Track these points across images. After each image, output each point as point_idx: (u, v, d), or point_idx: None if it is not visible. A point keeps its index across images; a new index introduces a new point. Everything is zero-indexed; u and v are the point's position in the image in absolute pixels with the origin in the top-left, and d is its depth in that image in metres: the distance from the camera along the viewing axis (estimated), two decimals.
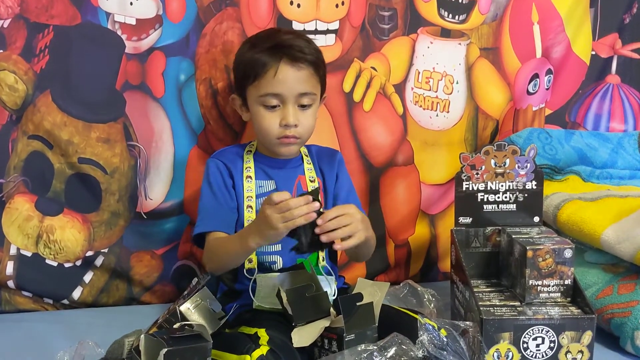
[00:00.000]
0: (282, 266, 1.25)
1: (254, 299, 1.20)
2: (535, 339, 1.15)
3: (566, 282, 1.21)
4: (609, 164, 1.65)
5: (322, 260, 1.28)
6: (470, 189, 1.35)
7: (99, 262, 1.47)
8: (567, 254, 1.21)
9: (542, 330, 1.15)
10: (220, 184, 1.28)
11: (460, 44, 1.58)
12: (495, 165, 1.35)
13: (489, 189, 1.35)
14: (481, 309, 1.17)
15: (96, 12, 1.38)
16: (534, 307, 1.20)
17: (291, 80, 1.23)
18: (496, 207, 1.36)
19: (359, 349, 0.97)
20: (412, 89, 1.57)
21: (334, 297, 1.20)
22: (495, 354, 1.15)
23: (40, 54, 1.37)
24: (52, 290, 1.46)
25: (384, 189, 1.59)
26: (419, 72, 1.57)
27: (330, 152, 1.39)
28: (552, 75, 1.69)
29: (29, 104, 1.38)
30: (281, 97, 1.23)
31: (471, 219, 1.36)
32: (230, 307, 1.17)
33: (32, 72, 1.37)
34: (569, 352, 1.16)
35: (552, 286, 1.21)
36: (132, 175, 1.45)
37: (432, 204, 1.63)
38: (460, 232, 1.36)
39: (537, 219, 1.36)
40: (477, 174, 1.35)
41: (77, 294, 1.47)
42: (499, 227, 1.36)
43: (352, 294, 1.08)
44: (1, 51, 1.36)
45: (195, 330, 0.98)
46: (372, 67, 1.53)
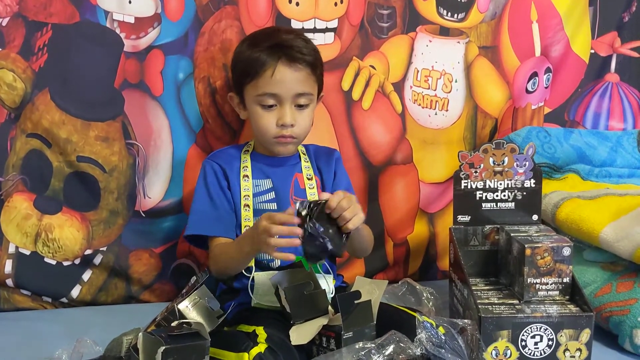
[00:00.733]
0: (280, 264, 1.25)
1: (252, 296, 1.20)
2: (533, 337, 1.15)
3: (565, 280, 1.21)
4: (608, 163, 1.65)
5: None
6: (468, 187, 1.35)
7: (98, 260, 1.47)
8: (566, 252, 1.21)
9: (540, 328, 1.15)
10: (216, 186, 1.29)
11: (459, 42, 1.58)
12: (493, 163, 1.35)
13: (487, 187, 1.35)
14: (479, 307, 1.17)
15: (95, 10, 1.38)
16: (532, 305, 1.20)
17: (288, 80, 1.23)
18: (495, 206, 1.36)
19: (357, 347, 0.97)
20: (411, 87, 1.57)
21: (332, 295, 1.20)
22: (493, 352, 1.15)
23: (38, 52, 1.37)
24: (50, 288, 1.46)
25: (382, 188, 1.59)
26: (418, 71, 1.57)
27: (328, 151, 1.39)
28: (551, 73, 1.69)
29: (27, 102, 1.38)
30: (278, 97, 1.24)
31: (470, 218, 1.36)
32: (228, 306, 1.18)
33: (30, 70, 1.37)
34: (567, 350, 1.16)
35: (551, 284, 1.21)
36: (131, 173, 1.45)
37: (430, 203, 1.63)
38: (458, 231, 1.36)
39: (535, 217, 1.36)
40: (475, 172, 1.35)
41: (75, 292, 1.47)
42: (498, 226, 1.36)
43: (350, 292, 1.07)
44: (0, 49, 1.36)
45: (193, 328, 0.98)
46: (371, 66, 1.53)
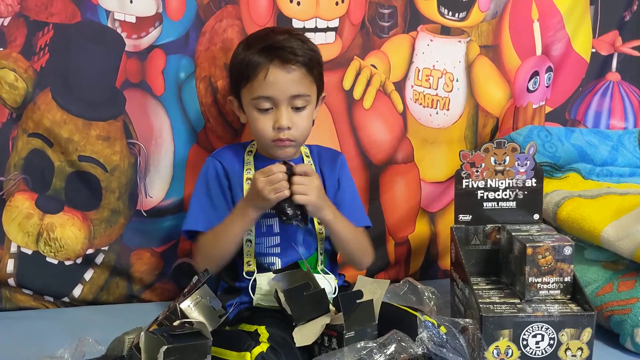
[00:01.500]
0: (280, 267, 1.25)
1: (253, 297, 1.20)
2: (534, 336, 1.15)
3: (566, 279, 1.21)
4: (609, 162, 1.65)
5: (321, 263, 1.29)
6: (470, 186, 1.35)
7: (99, 259, 1.47)
8: (567, 251, 1.21)
9: (541, 327, 1.15)
10: (216, 184, 1.28)
11: (460, 41, 1.58)
12: (495, 162, 1.35)
13: (488, 186, 1.35)
14: (481, 306, 1.17)
15: (96, 10, 1.38)
16: (533, 305, 1.20)
17: (282, 82, 1.21)
18: (496, 205, 1.36)
19: (359, 346, 0.97)
20: (412, 86, 1.57)
21: (334, 295, 1.20)
22: (494, 351, 1.15)
23: (40, 52, 1.37)
24: (52, 288, 1.46)
25: (383, 187, 1.59)
26: (419, 70, 1.57)
27: (332, 154, 1.37)
28: (552, 72, 1.69)
29: (29, 101, 1.38)
30: (273, 99, 1.22)
31: (471, 217, 1.36)
32: (229, 305, 1.17)
33: (32, 70, 1.37)
34: (568, 349, 1.16)
35: (552, 283, 1.21)
36: (132, 173, 1.45)
37: (432, 202, 1.63)
38: (460, 230, 1.36)
39: (536, 217, 1.36)
40: (476, 171, 1.35)
41: (77, 291, 1.47)
42: (499, 225, 1.36)
43: (352, 291, 1.08)
44: (1, 49, 1.36)
45: (195, 327, 0.98)
46: (372, 65, 1.53)
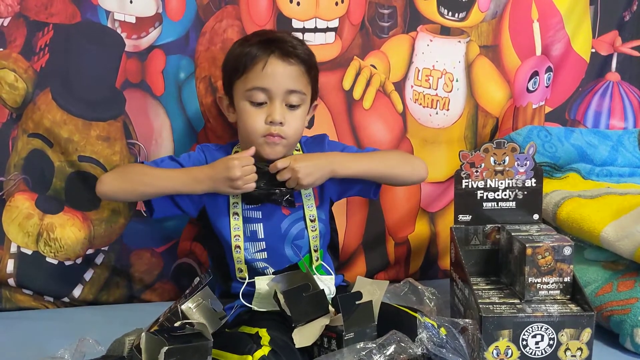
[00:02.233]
0: (273, 271, 1.24)
1: (250, 305, 1.19)
2: (534, 337, 1.15)
3: (565, 279, 1.21)
4: (609, 162, 1.65)
5: (316, 260, 1.28)
6: (469, 186, 1.35)
7: (99, 260, 1.47)
8: (567, 251, 1.21)
9: (541, 327, 1.15)
10: (185, 165, 1.27)
11: (460, 41, 1.58)
12: (494, 163, 1.35)
13: (488, 186, 1.36)
14: (480, 306, 1.18)
15: (96, 10, 1.38)
16: (533, 305, 1.20)
17: (280, 75, 1.21)
18: (496, 205, 1.36)
19: (358, 347, 0.97)
20: (412, 86, 1.57)
21: (332, 296, 1.20)
22: (494, 352, 1.15)
23: (40, 52, 1.37)
24: (52, 288, 1.46)
25: (383, 187, 1.57)
26: (419, 70, 1.57)
27: (316, 140, 1.36)
28: (552, 72, 1.69)
29: (29, 102, 1.38)
30: (269, 92, 1.21)
31: (471, 217, 1.36)
32: (227, 309, 1.17)
33: (32, 70, 1.37)
34: (568, 349, 1.16)
35: (552, 284, 1.21)
36: None
37: (431, 202, 1.63)
38: (459, 230, 1.36)
39: (536, 217, 1.37)
40: (476, 171, 1.35)
41: (77, 291, 1.47)
42: (499, 225, 1.36)
43: (352, 292, 1.07)
44: (1, 49, 1.36)
45: (195, 328, 0.99)
46: (371, 65, 1.53)
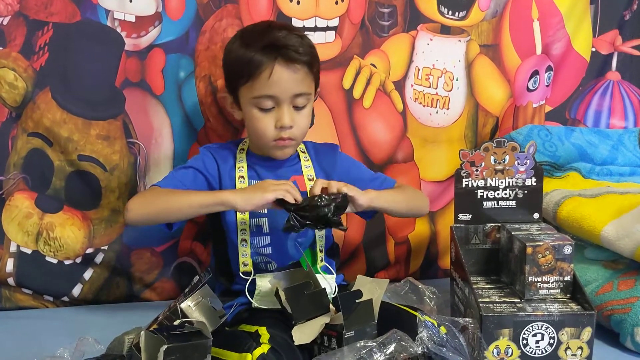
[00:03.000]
0: (276, 266, 1.24)
1: (252, 300, 1.19)
2: (534, 336, 1.15)
3: (566, 278, 1.21)
4: (609, 161, 1.65)
5: (321, 260, 1.28)
6: (469, 185, 1.35)
7: (99, 259, 1.47)
8: (567, 250, 1.21)
9: (541, 326, 1.15)
10: (199, 169, 1.26)
11: (460, 40, 1.58)
12: (494, 162, 1.35)
13: (488, 185, 1.35)
14: (481, 305, 1.17)
15: (95, 9, 1.38)
16: (533, 304, 1.20)
17: (286, 81, 1.20)
18: (496, 204, 1.36)
19: (359, 346, 0.97)
20: (412, 85, 1.57)
21: (333, 295, 1.20)
22: (494, 351, 1.15)
23: (39, 51, 1.37)
24: (52, 287, 1.46)
25: None
26: (419, 69, 1.57)
27: (329, 149, 1.36)
28: (552, 72, 1.69)
29: (28, 101, 1.38)
30: (276, 98, 1.20)
31: (471, 216, 1.36)
32: (227, 307, 1.16)
33: (31, 69, 1.37)
34: (568, 348, 1.16)
35: (552, 282, 1.21)
36: (132, 172, 1.45)
37: (432, 201, 1.63)
38: (459, 229, 1.36)
39: (536, 216, 1.37)
40: (476, 170, 1.35)
41: (77, 291, 1.47)
42: (499, 224, 1.36)
43: (352, 291, 1.07)
44: (1, 48, 1.36)
45: (195, 327, 0.98)
46: (372, 64, 1.53)
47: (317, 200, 1.12)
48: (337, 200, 1.13)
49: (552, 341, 1.15)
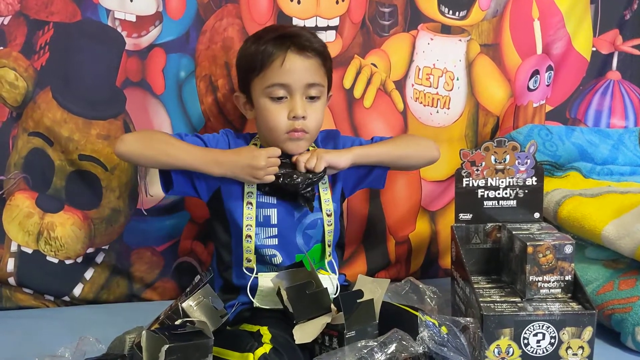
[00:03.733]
0: (281, 260, 1.23)
1: (254, 300, 1.19)
2: (535, 335, 1.15)
3: (567, 278, 1.21)
4: (610, 160, 1.65)
5: (329, 255, 1.28)
6: (470, 185, 1.35)
7: (100, 259, 1.47)
8: (568, 249, 1.21)
9: (542, 326, 1.15)
10: (207, 144, 1.25)
11: (460, 40, 1.58)
12: (495, 161, 1.35)
13: (489, 185, 1.35)
14: (482, 305, 1.17)
15: (96, 9, 1.38)
16: (534, 303, 1.20)
17: (299, 69, 1.19)
18: (496, 204, 1.36)
19: (360, 345, 0.97)
20: (413, 85, 1.57)
21: (335, 295, 1.20)
22: (495, 350, 1.15)
23: (40, 51, 1.37)
24: (53, 287, 1.46)
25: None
26: (420, 69, 1.57)
27: (331, 134, 1.35)
28: (552, 71, 1.69)
29: (29, 100, 1.38)
30: (289, 87, 1.19)
31: (471, 216, 1.36)
32: (229, 306, 1.16)
33: (32, 69, 1.37)
34: (569, 347, 1.16)
35: (553, 282, 1.21)
36: (133, 172, 1.45)
37: (432, 201, 1.63)
38: (460, 229, 1.36)
39: (537, 215, 1.37)
40: (477, 170, 1.35)
41: (77, 290, 1.47)
42: (500, 224, 1.36)
43: (353, 290, 1.08)
44: (1, 48, 1.36)
45: (196, 326, 0.98)
46: (372, 64, 1.53)
47: (292, 176, 1.20)
48: (313, 177, 1.20)
49: (553, 341, 1.15)
